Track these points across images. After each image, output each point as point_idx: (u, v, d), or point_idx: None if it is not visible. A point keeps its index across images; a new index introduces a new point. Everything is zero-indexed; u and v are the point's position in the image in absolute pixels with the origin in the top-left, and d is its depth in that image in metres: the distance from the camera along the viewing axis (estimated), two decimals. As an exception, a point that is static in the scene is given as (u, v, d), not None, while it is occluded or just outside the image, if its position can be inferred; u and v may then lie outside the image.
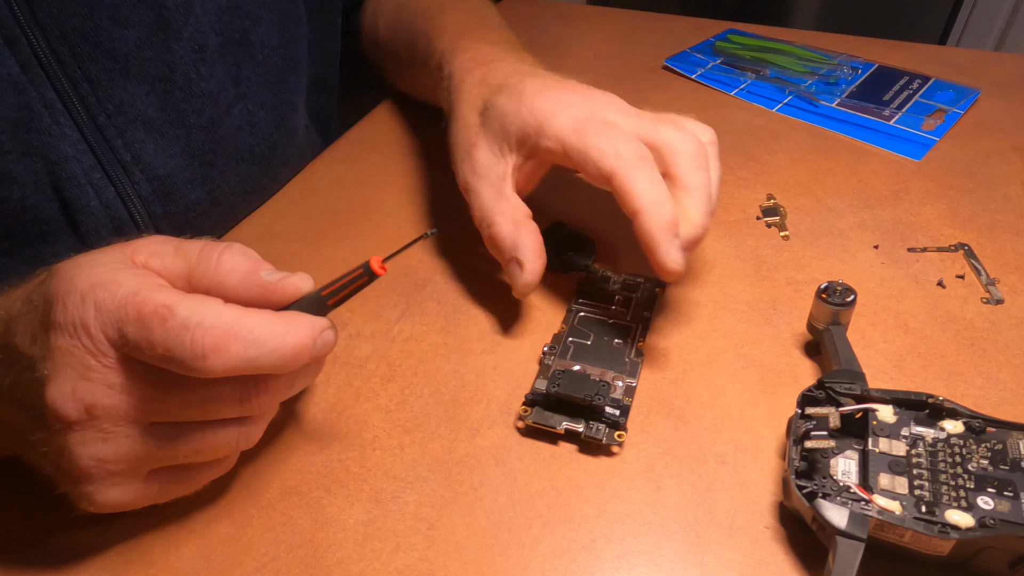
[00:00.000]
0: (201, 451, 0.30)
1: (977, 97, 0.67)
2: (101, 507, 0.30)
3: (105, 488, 0.29)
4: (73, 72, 0.42)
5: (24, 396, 0.28)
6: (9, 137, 0.40)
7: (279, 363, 0.28)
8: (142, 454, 0.29)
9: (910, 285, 0.46)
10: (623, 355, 0.40)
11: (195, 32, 0.46)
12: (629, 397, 0.38)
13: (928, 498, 0.30)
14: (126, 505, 0.30)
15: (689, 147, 0.38)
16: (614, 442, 0.36)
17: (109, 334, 0.27)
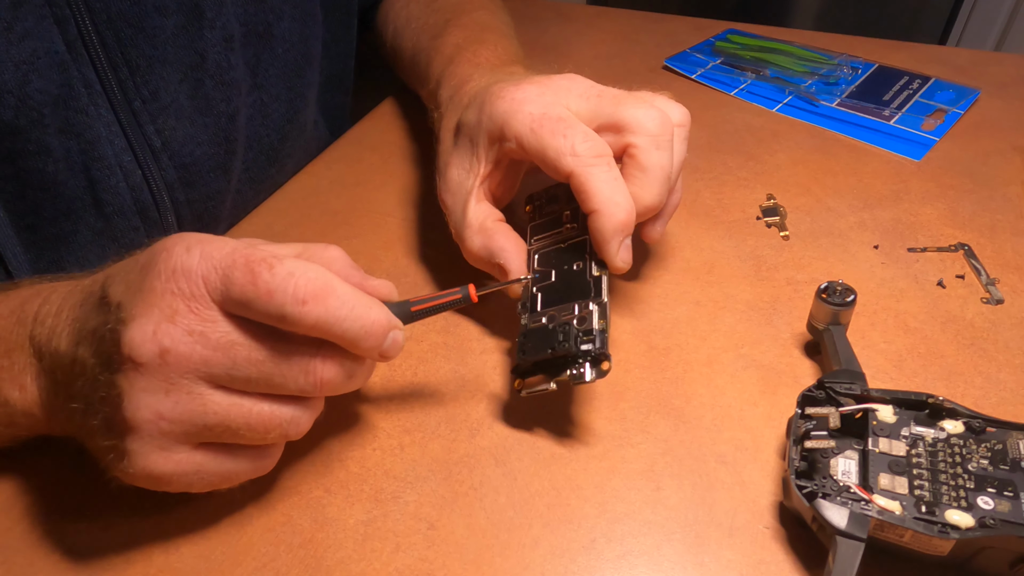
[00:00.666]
0: (254, 427, 0.29)
1: (977, 97, 0.67)
2: (140, 471, 0.29)
3: (150, 449, 0.29)
4: (115, 56, 0.43)
5: (103, 337, 0.28)
6: (50, 111, 0.41)
7: (358, 333, 0.30)
8: (197, 417, 0.28)
9: (910, 285, 0.46)
10: (584, 275, 0.38)
11: (225, 22, 0.47)
12: (603, 319, 0.35)
13: (928, 498, 0.30)
14: (163, 478, 0.29)
15: (651, 126, 0.38)
16: (602, 375, 0.34)
17: (210, 280, 0.28)
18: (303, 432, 0.31)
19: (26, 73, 0.39)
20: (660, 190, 0.38)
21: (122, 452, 0.29)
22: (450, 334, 0.43)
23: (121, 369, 0.28)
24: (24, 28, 0.39)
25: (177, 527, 0.34)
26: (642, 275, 0.47)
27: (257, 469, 0.32)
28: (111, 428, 0.29)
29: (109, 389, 0.28)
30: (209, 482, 0.31)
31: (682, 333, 0.43)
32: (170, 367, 0.28)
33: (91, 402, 0.29)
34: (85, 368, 0.29)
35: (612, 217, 0.36)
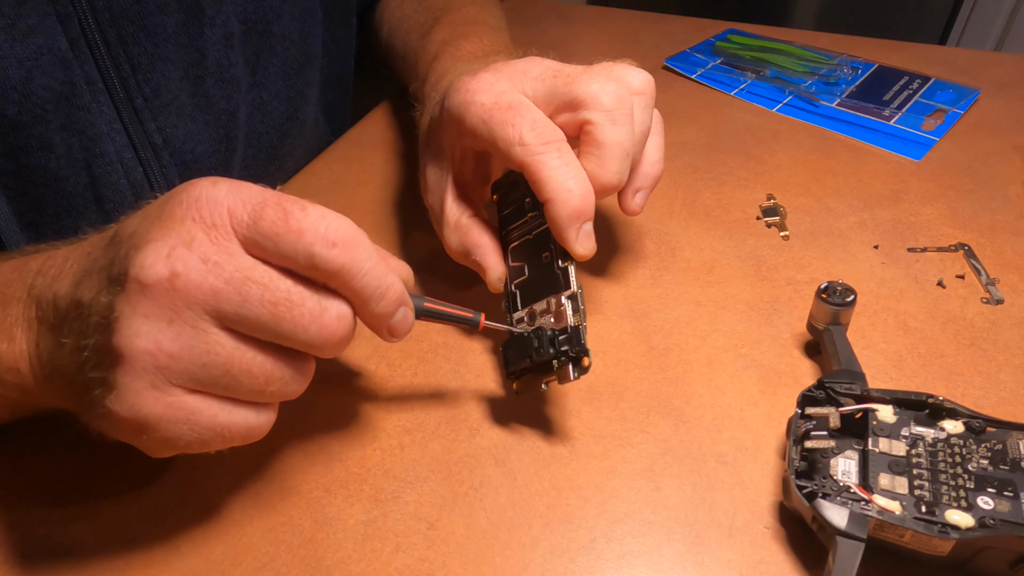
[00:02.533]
0: (255, 375, 0.28)
1: (977, 97, 0.67)
2: (127, 410, 0.26)
3: (141, 385, 0.26)
4: (117, 54, 0.43)
5: (112, 263, 0.27)
6: (52, 108, 0.41)
7: (375, 291, 0.29)
8: (197, 355, 0.26)
9: (910, 285, 0.46)
10: (552, 268, 0.37)
11: (225, 19, 0.47)
12: (577, 312, 0.35)
13: (928, 498, 0.30)
14: (151, 421, 0.27)
15: (606, 100, 0.36)
16: (584, 371, 0.34)
17: (236, 214, 0.27)
18: (299, 391, 0.30)
19: (29, 70, 0.39)
20: (619, 167, 0.36)
21: (110, 386, 0.26)
22: (450, 334, 0.43)
23: (124, 290, 0.26)
24: (27, 25, 0.39)
25: (177, 527, 0.34)
26: (642, 275, 0.47)
27: (250, 431, 0.30)
28: (102, 358, 0.26)
29: (107, 313, 0.26)
30: (199, 436, 0.28)
31: (682, 333, 0.43)
32: (178, 293, 0.26)
33: (84, 331, 0.27)
34: (82, 302, 0.27)
35: (566, 204, 0.35)
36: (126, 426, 0.27)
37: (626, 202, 0.41)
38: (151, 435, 0.27)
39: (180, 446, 0.28)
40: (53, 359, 0.28)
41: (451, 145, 0.40)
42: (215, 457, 0.36)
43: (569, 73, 0.37)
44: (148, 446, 0.28)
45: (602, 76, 0.37)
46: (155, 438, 0.27)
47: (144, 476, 0.36)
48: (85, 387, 0.27)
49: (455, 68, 0.48)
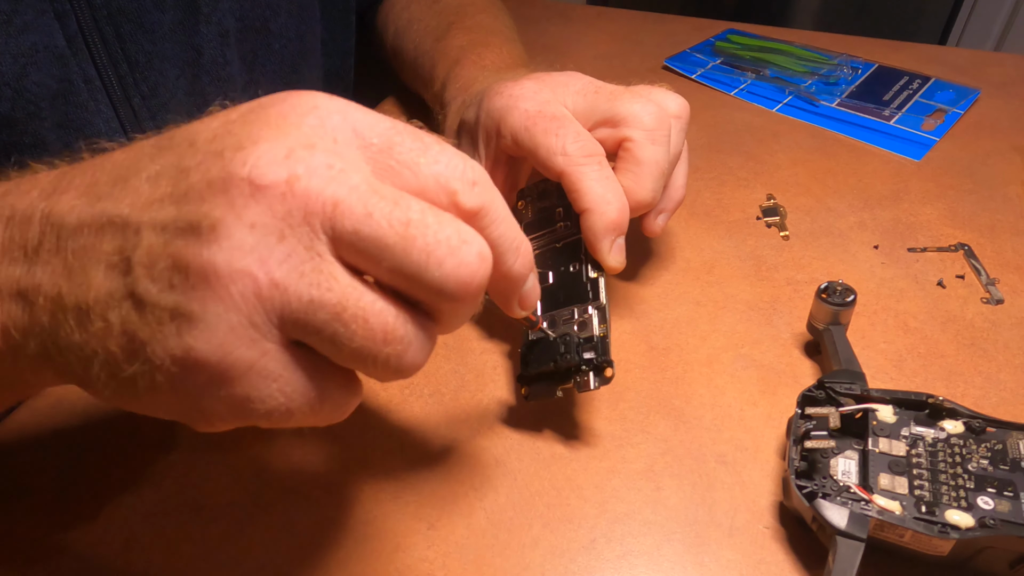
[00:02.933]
0: (372, 326, 0.22)
1: (977, 97, 0.67)
2: (215, 352, 0.20)
3: (238, 321, 0.20)
4: (115, 52, 0.43)
5: (198, 169, 0.21)
6: (48, 105, 0.41)
7: (512, 241, 0.25)
8: (306, 286, 0.21)
9: (910, 285, 0.46)
10: (581, 278, 0.37)
11: (221, 17, 0.47)
12: (603, 323, 0.35)
13: (928, 498, 0.30)
14: (238, 369, 0.21)
15: (647, 120, 0.38)
16: (605, 382, 0.34)
17: (364, 134, 0.22)
18: (416, 364, 0.23)
19: (24, 66, 0.39)
20: (654, 185, 0.38)
21: (190, 316, 0.20)
22: (450, 334, 0.43)
23: (227, 192, 0.20)
24: (24, 21, 0.39)
25: (177, 527, 0.34)
26: (642, 275, 0.47)
27: (337, 408, 0.24)
28: (177, 279, 0.20)
29: (197, 219, 0.20)
30: (283, 403, 0.22)
31: (682, 333, 0.43)
32: (296, 200, 0.20)
33: (125, 247, 0.21)
34: (125, 218, 0.21)
35: (603, 216, 0.36)
36: (198, 376, 0.21)
37: (648, 222, 0.41)
38: (229, 391, 0.21)
39: (251, 414, 0.22)
40: (61, 296, 0.22)
41: (484, 147, 0.41)
42: (214, 458, 0.36)
43: (612, 91, 0.39)
44: (208, 411, 0.22)
45: (643, 97, 0.38)
46: (231, 397, 0.21)
47: (144, 476, 0.36)
48: (141, 325, 0.21)
49: (483, 76, 0.49)
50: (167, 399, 0.22)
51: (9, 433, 0.38)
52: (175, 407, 0.22)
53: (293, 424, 0.23)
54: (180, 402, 0.22)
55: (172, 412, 0.23)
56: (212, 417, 0.22)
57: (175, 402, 0.22)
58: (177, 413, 0.23)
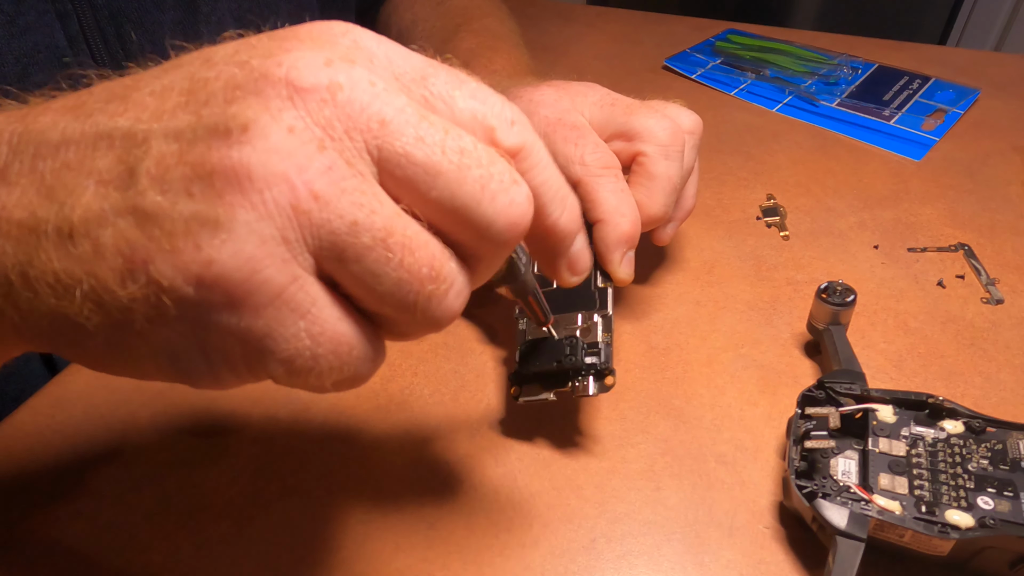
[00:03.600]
0: (416, 258, 0.19)
1: (977, 97, 0.67)
2: (241, 266, 0.17)
3: (269, 234, 0.17)
4: (116, 51, 0.43)
5: (222, 78, 0.18)
6: None
7: (558, 191, 0.23)
8: (348, 206, 0.18)
9: (910, 285, 0.46)
10: (589, 286, 0.38)
11: (221, 16, 0.47)
12: (607, 332, 0.36)
13: (928, 498, 0.30)
14: (264, 292, 0.18)
15: (662, 136, 0.38)
16: (604, 389, 0.34)
17: (398, 64, 0.20)
18: (453, 314, 0.21)
19: (26, 66, 0.39)
20: (666, 200, 0.38)
21: (211, 226, 0.17)
22: (450, 334, 0.43)
23: (260, 93, 0.18)
24: (26, 22, 0.39)
25: (177, 527, 0.34)
26: (642, 275, 0.47)
27: (362, 363, 0.20)
28: (198, 187, 0.17)
29: (224, 121, 0.17)
30: (306, 348, 0.19)
31: (682, 333, 0.43)
32: (340, 109, 0.18)
33: (130, 159, 0.18)
34: (129, 130, 0.18)
35: (617, 227, 0.36)
36: (215, 297, 0.17)
37: (658, 232, 0.42)
38: (249, 323, 0.18)
39: (267, 358, 0.19)
40: (36, 220, 0.18)
41: None
42: (214, 458, 0.36)
43: (628, 105, 0.40)
44: (216, 351, 0.19)
45: (659, 113, 0.39)
46: (250, 331, 0.18)
47: (144, 476, 0.36)
48: (139, 241, 0.17)
49: (494, 80, 0.49)
50: (167, 336, 0.18)
51: (9, 433, 0.38)
52: (175, 349, 0.19)
53: (310, 380, 0.19)
54: (183, 338, 0.18)
55: (169, 358, 0.19)
56: (218, 363, 0.19)
57: (177, 339, 0.18)
58: (175, 360, 0.19)
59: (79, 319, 0.18)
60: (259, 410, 0.39)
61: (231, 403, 0.39)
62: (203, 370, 0.19)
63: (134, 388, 0.40)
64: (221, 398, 0.39)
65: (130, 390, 0.40)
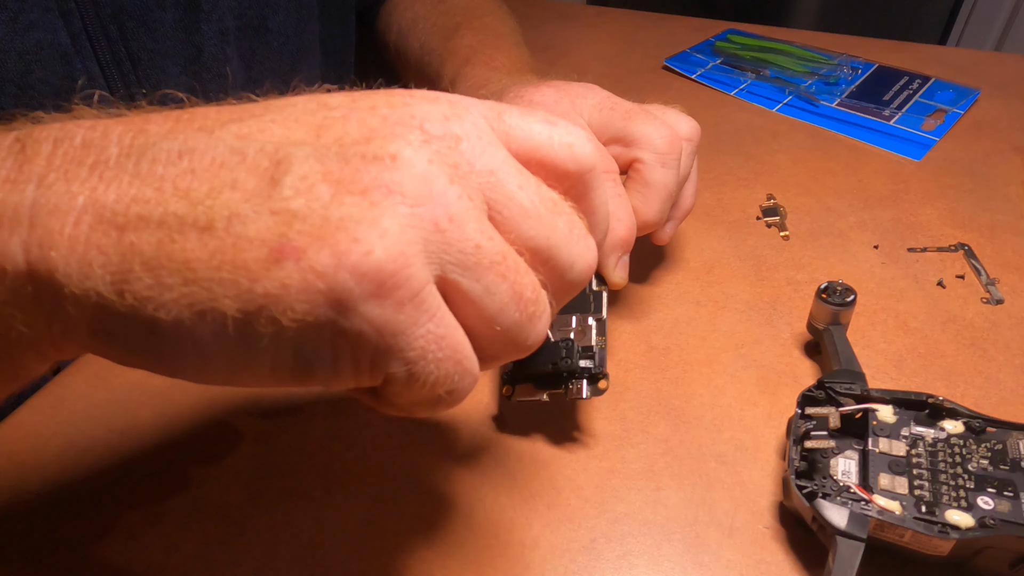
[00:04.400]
0: (521, 281, 0.21)
1: (977, 97, 0.67)
2: (391, 255, 0.18)
3: (414, 235, 0.19)
4: (118, 50, 0.43)
5: (351, 122, 0.20)
6: (51, 102, 0.42)
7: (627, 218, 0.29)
8: (474, 231, 0.20)
9: (910, 285, 0.46)
10: (584, 289, 0.37)
11: (221, 14, 0.48)
12: (602, 335, 0.35)
13: (928, 498, 0.30)
14: (404, 285, 0.19)
15: (659, 144, 0.38)
16: (598, 393, 0.34)
17: (485, 113, 0.22)
18: (540, 338, 0.23)
19: (28, 63, 0.40)
20: (661, 207, 0.39)
21: (370, 223, 0.18)
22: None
23: (400, 136, 0.20)
24: (29, 19, 0.39)
25: (177, 527, 0.34)
26: (642, 275, 0.47)
27: (467, 375, 0.21)
28: (351, 198, 0.18)
29: (372, 151, 0.19)
30: (430, 350, 0.20)
31: (682, 333, 0.43)
32: (462, 156, 0.20)
33: (299, 173, 0.19)
34: (272, 137, 0.20)
35: (613, 232, 0.37)
36: (365, 285, 0.18)
37: (657, 231, 0.42)
38: (389, 315, 0.19)
39: (392, 354, 0.19)
40: (178, 216, 0.18)
41: None
42: (214, 458, 0.36)
43: (627, 109, 0.40)
44: (345, 339, 0.19)
45: (657, 119, 0.39)
46: (386, 324, 0.19)
47: (144, 476, 0.36)
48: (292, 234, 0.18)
49: (495, 77, 0.49)
50: (303, 330, 0.18)
51: (9, 433, 0.38)
52: (303, 344, 0.19)
53: (424, 388, 0.20)
54: (318, 332, 0.19)
55: (294, 353, 0.19)
56: (343, 360, 0.19)
57: (312, 332, 0.19)
58: (299, 355, 0.19)
59: (206, 308, 0.18)
60: (259, 410, 0.39)
61: (231, 403, 0.39)
62: (324, 368, 0.20)
63: (134, 388, 0.40)
64: (221, 399, 0.39)
65: (130, 390, 0.40)
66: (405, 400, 0.21)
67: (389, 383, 0.20)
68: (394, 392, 0.21)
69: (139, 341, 0.19)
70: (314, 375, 0.20)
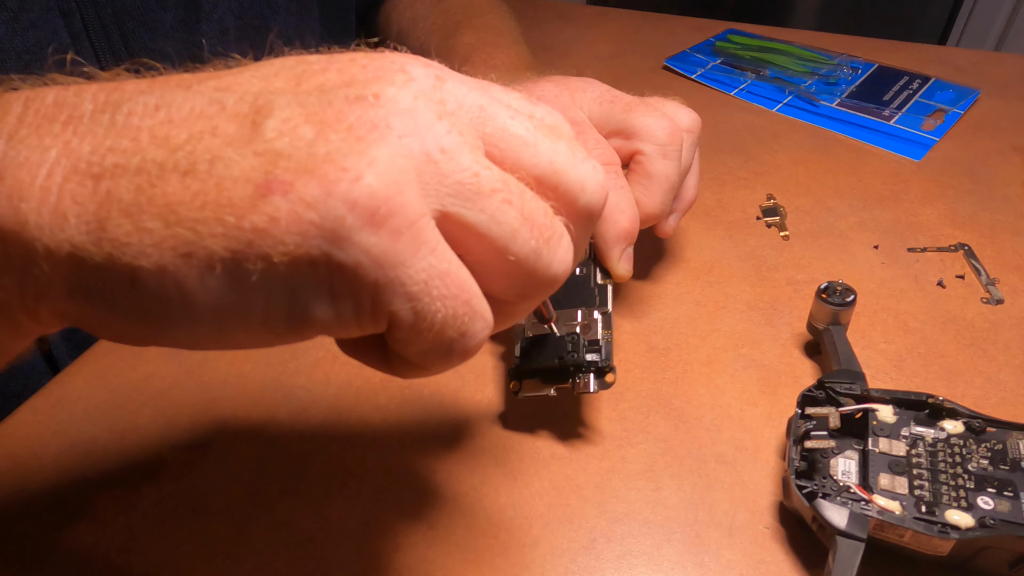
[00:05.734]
0: (529, 208, 0.20)
1: (977, 97, 0.67)
2: (384, 185, 0.17)
3: (406, 165, 0.18)
4: (119, 50, 0.44)
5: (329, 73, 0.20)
6: None
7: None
8: (470, 161, 0.19)
9: (910, 285, 0.46)
10: (589, 283, 0.38)
11: (222, 15, 0.48)
12: (607, 329, 0.36)
13: (928, 498, 0.30)
14: (401, 214, 0.18)
15: (660, 135, 0.38)
16: (605, 387, 0.35)
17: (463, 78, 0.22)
18: (566, 268, 0.22)
19: (28, 63, 0.40)
20: (664, 198, 0.39)
21: (359, 153, 0.18)
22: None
23: (382, 77, 0.19)
24: (29, 19, 0.39)
25: (177, 527, 0.34)
26: (642, 275, 0.47)
27: (479, 318, 0.20)
28: (337, 135, 0.18)
29: (354, 93, 0.19)
30: (434, 284, 0.19)
31: (682, 333, 0.43)
32: (448, 93, 0.20)
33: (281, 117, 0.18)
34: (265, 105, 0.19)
35: (616, 224, 0.37)
36: (360, 210, 0.17)
37: (660, 224, 0.42)
38: (387, 245, 0.18)
39: (394, 287, 0.18)
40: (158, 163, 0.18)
41: None
42: (214, 458, 0.36)
43: (628, 102, 0.40)
44: (344, 270, 0.18)
45: (658, 111, 0.39)
46: (383, 253, 0.18)
47: (144, 476, 0.36)
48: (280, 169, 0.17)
49: (495, 75, 0.49)
50: (295, 270, 0.18)
51: (9, 433, 0.38)
52: (298, 286, 0.18)
53: (432, 330, 0.19)
54: (312, 270, 0.18)
55: (288, 299, 0.18)
56: (343, 300, 0.18)
57: (305, 271, 0.18)
58: (294, 300, 0.18)
59: (191, 249, 0.17)
60: (259, 410, 0.39)
61: (231, 403, 0.39)
62: (323, 309, 0.18)
63: (134, 388, 0.40)
64: (221, 399, 0.39)
65: (130, 390, 0.40)
66: (415, 348, 0.20)
67: (395, 327, 0.19)
68: (401, 338, 0.20)
69: (120, 296, 0.18)
70: (312, 319, 0.19)
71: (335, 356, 0.42)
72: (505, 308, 0.22)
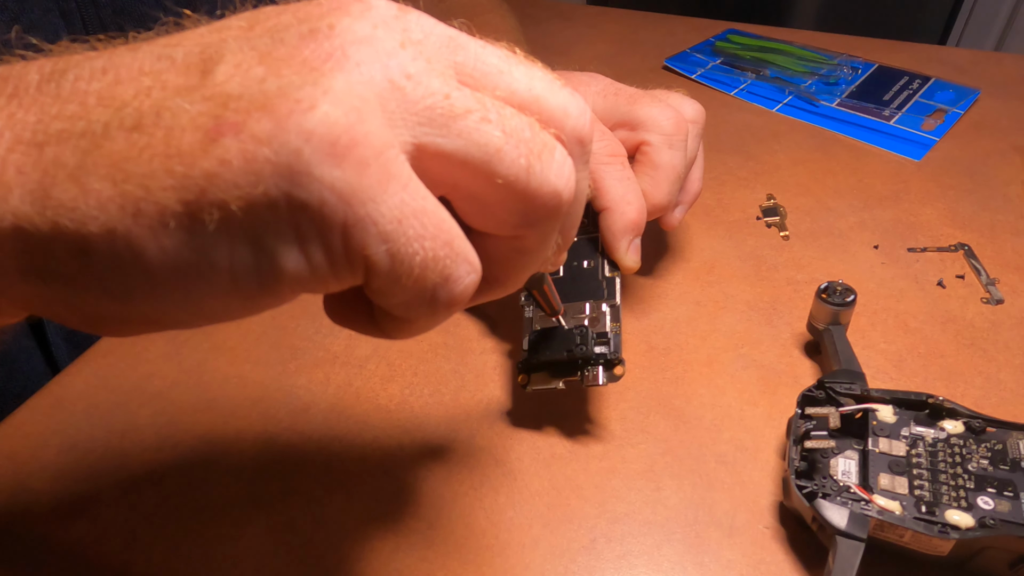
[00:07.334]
0: (511, 130, 0.18)
1: (977, 97, 0.67)
2: (344, 121, 0.16)
3: (367, 94, 0.17)
4: None
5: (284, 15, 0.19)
6: None
7: None
8: (439, 86, 0.18)
9: (910, 285, 0.46)
10: (597, 275, 0.38)
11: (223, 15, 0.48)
12: (616, 322, 0.35)
13: (928, 498, 0.30)
14: (369, 150, 0.16)
15: (665, 125, 0.39)
16: (614, 379, 0.35)
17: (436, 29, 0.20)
18: (568, 179, 0.20)
19: None
20: (670, 188, 0.39)
21: (313, 83, 0.16)
22: (450, 334, 0.43)
23: (339, 8, 0.18)
24: (29, 20, 0.39)
25: (177, 527, 0.34)
26: (642, 275, 0.47)
27: (463, 262, 0.19)
28: (289, 70, 0.17)
29: (308, 27, 0.17)
30: (408, 223, 0.17)
31: (682, 333, 0.43)
32: (411, 22, 0.19)
33: (233, 61, 0.17)
34: (200, 39, 0.18)
35: (623, 215, 0.37)
36: (318, 141, 0.16)
37: (666, 216, 0.42)
38: (352, 178, 0.16)
39: (366, 225, 0.17)
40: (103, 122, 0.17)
41: None
42: (214, 458, 0.36)
43: (631, 94, 0.40)
44: (311, 209, 0.16)
45: (662, 102, 0.39)
46: (349, 187, 0.16)
47: (144, 476, 0.36)
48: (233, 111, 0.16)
49: None
50: (257, 218, 0.16)
51: (9, 433, 0.38)
52: (262, 237, 0.17)
53: (412, 276, 0.18)
54: (276, 215, 0.16)
55: (253, 254, 0.17)
56: (313, 247, 0.17)
57: (268, 219, 0.16)
58: (259, 255, 0.17)
59: (141, 205, 0.16)
60: (259, 410, 0.39)
61: (231, 403, 0.39)
62: (292, 258, 0.17)
63: (134, 388, 0.40)
64: (221, 398, 0.39)
65: (130, 390, 0.40)
66: (396, 299, 0.19)
67: (372, 275, 0.18)
68: (381, 288, 0.18)
69: (75, 270, 0.17)
70: (283, 272, 0.17)
71: (335, 356, 0.42)
72: (517, 244, 0.21)
